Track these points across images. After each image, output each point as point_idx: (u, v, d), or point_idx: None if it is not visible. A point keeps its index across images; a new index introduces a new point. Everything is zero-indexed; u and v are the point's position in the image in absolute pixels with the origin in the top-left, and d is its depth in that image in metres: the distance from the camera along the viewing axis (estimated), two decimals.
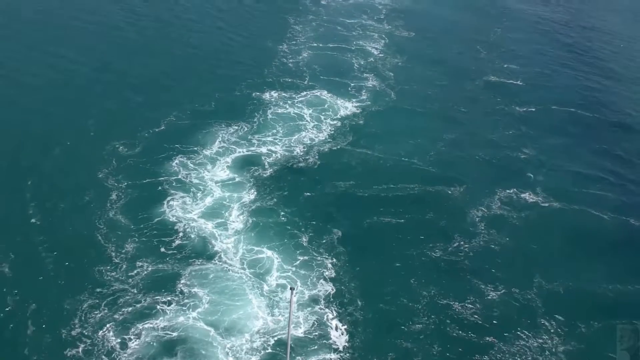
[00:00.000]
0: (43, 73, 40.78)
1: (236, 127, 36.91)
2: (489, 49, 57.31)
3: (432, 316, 25.33)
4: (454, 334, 24.68)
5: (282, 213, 30.18)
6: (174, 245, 27.27)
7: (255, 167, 33.40)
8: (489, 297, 26.92)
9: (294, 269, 26.84)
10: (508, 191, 34.76)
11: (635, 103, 51.22)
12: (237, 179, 32.16)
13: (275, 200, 31.05)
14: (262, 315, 24.32)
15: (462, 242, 29.87)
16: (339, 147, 36.69)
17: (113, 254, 26.24)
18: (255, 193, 31.29)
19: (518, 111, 45.45)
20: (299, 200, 31.45)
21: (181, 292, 24.89)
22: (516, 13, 72.51)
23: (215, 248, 27.39)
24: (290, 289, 18.73)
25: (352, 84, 45.56)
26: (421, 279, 27.21)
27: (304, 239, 28.57)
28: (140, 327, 23.10)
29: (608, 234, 32.77)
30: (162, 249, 26.94)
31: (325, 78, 45.85)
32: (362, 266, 27.59)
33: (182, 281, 25.38)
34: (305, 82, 44.71)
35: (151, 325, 23.22)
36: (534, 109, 45.88)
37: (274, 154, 34.87)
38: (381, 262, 28.01)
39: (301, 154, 35.33)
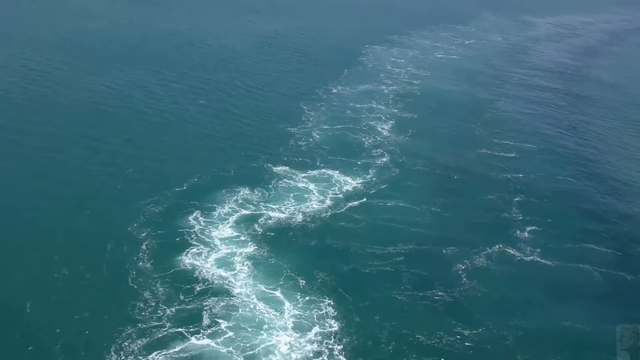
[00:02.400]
0: (80, 145, 47.72)
1: (248, 192, 42.29)
2: (484, 126, 63.01)
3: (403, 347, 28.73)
4: None
5: (286, 264, 34.54)
6: (195, 286, 31.82)
7: (260, 226, 38.21)
8: (465, 335, 30.17)
9: (300, 304, 31.05)
10: (493, 247, 38.51)
11: (627, 173, 55.10)
12: (244, 235, 37.01)
13: (277, 252, 35.59)
14: (281, 340, 28.41)
15: (444, 290, 33.49)
16: (338, 213, 41.26)
17: (143, 293, 30.87)
18: (260, 246, 35.94)
19: (508, 178, 50.00)
20: (300, 253, 35.89)
21: (206, 324, 29.22)
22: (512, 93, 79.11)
23: (230, 289, 31.83)
24: None
25: (359, 162, 50.58)
26: (405, 320, 30.89)
27: (303, 283, 32.92)
28: (171, 352, 27.18)
29: (584, 283, 35.88)
30: (186, 289, 31.48)
31: (333, 157, 50.91)
32: (355, 306, 31.44)
33: (205, 315, 29.80)
34: (316, 160, 49.98)
35: (181, 350, 27.34)
36: (522, 176, 50.44)
37: (278, 217, 39.65)
38: (366, 302, 31.87)
39: (302, 218, 39.87)
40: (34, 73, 65.44)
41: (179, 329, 28.72)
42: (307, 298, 31.76)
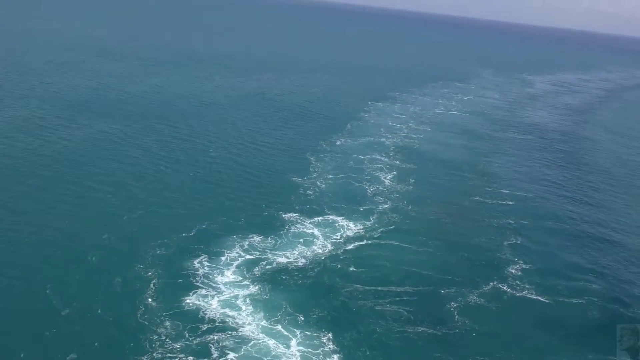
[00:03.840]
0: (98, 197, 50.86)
1: (257, 239, 44.47)
2: (479, 176, 66.20)
3: None
4: None
5: (288, 302, 36.53)
6: (202, 325, 33.60)
7: (265, 269, 40.31)
8: None
9: (301, 339, 32.92)
10: (486, 286, 40.52)
11: (621, 220, 57.41)
12: (249, 278, 38.91)
13: (280, 293, 37.50)
14: None
15: (437, 327, 35.32)
16: (338, 255, 43.39)
17: (152, 329, 32.81)
18: (263, 287, 37.84)
19: (501, 223, 52.44)
20: (300, 292, 37.83)
21: (215, 356, 30.98)
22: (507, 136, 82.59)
23: (236, 326, 33.67)
24: None
25: (360, 209, 53.19)
26: (398, 354, 32.80)
27: (303, 318, 34.88)
28: None
29: (574, 318, 37.68)
30: (192, 327, 33.31)
31: (338, 204, 53.33)
32: (353, 341, 33.29)
33: (213, 348, 31.54)
34: (322, 207, 52.45)
35: None
36: (513, 222, 52.90)
37: (282, 261, 41.71)
38: (362, 337, 33.85)
39: (305, 262, 41.91)
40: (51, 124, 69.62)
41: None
42: (307, 333, 33.61)
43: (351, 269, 41.75)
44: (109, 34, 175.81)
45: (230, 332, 33.19)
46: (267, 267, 40.82)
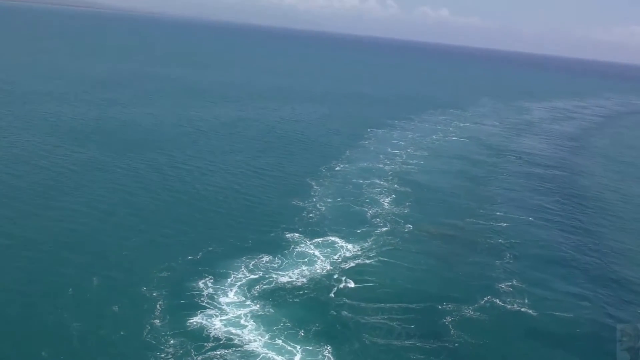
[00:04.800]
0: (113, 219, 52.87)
1: (257, 260, 46.09)
2: (475, 200, 68.26)
3: None
4: None
5: (286, 319, 38.02)
6: (207, 342, 34.98)
7: (267, 288, 41.85)
8: None
9: (302, 353, 34.53)
10: (480, 301, 42.12)
11: (609, 244, 59.04)
12: (251, 297, 40.51)
13: (282, 309, 39.10)
14: None
15: (432, 340, 36.88)
16: (337, 274, 45.04)
17: (159, 346, 34.24)
18: (266, 305, 39.44)
19: (495, 242, 54.22)
20: (301, 309, 39.50)
21: None
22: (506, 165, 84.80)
23: (241, 343, 35.11)
24: None
25: (359, 231, 54.82)
26: None
27: (303, 334, 36.50)
28: None
29: (566, 331, 39.27)
30: (199, 345, 34.79)
31: (338, 226, 55.19)
32: (353, 354, 34.90)
33: None
34: (324, 229, 54.30)
35: None
36: (504, 241, 55.04)
37: (284, 280, 43.34)
38: (361, 350, 35.48)
39: (305, 280, 43.63)
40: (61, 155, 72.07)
41: None
42: (308, 347, 35.11)
43: (350, 286, 43.37)
44: (114, 67, 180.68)
45: (235, 349, 34.61)
46: (270, 286, 42.47)
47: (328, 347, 35.18)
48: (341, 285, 43.41)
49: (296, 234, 52.41)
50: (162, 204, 57.92)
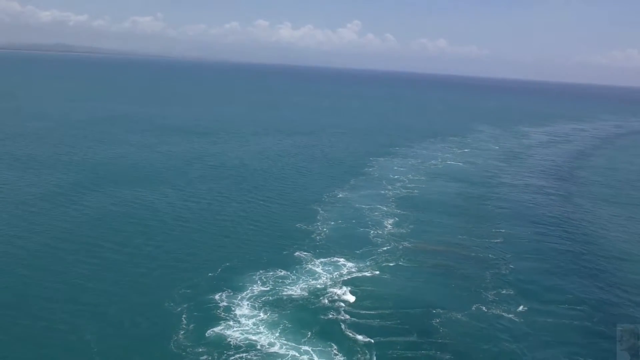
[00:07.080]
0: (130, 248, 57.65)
1: (269, 276, 50.83)
2: (473, 219, 72.71)
3: None
4: None
5: (300, 325, 42.38)
6: (229, 352, 39.31)
7: (279, 299, 46.48)
8: None
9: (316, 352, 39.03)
10: (470, 308, 46.20)
11: (601, 256, 62.86)
12: (265, 308, 45.06)
13: (294, 317, 43.56)
14: None
15: (424, 341, 41.10)
16: (340, 288, 49.30)
17: (187, 356, 38.45)
18: (280, 314, 43.98)
19: (490, 256, 58.38)
20: (307, 318, 43.76)
21: None
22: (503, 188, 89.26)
23: (260, 350, 39.38)
24: None
25: (361, 251, 59.33)
26: None
27: (309, 334, 41.13)
28: None
29: (554, 336, 43.22)
30: (223, 356, 39.03)
31: (341, 247, 59.71)
32: (359, 350, 39.13)
33: None
34: (329, 249, 59.02)
35: None
36: (496, 257, 59.12)
37: (294, 294, 47.76)
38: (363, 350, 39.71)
39: (311, 294, 48.17)
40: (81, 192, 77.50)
41: None
42: (319, 348, 39.47)
43: (351, 297, 47.73)
44: (134, 109, 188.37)
45: (257, 353, 38.87)
46: (283, 298, 46.99)
47: (334, 347, 39.46)
48: (345, 297, 47.71)
49: (304, 252, 57.25)
50: (178, 233, 62.80)
